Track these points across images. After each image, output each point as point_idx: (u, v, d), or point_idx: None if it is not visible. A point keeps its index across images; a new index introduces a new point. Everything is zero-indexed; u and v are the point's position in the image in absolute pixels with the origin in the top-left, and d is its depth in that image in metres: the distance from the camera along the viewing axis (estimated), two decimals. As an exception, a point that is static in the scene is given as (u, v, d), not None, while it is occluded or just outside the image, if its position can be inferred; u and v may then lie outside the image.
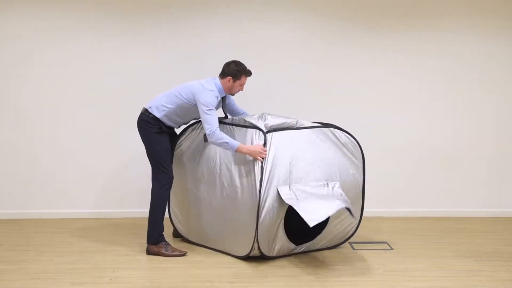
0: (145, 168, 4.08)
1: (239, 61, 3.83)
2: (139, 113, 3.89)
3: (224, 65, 3.84)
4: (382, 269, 3.60)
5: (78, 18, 4.59)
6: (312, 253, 3.87)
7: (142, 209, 4.45)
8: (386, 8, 4.79)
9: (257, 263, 3.66)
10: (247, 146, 3.58)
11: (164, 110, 3.78)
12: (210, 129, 3.62)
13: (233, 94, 3.93)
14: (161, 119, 3.80)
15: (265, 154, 3.53)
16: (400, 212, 4.96)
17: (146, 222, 3.87)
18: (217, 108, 3.81)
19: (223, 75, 3.81)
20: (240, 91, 3.94)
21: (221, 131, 3.66)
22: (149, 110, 3.81)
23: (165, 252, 3.78)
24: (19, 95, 4.63)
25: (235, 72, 3.77)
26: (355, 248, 4.03)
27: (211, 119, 3.65)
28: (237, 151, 3.59)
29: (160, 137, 3.83)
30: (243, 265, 3.64)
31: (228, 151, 3.68)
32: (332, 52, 4.80)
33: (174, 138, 4.02)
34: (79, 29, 4.61)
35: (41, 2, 4.57)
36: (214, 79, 3.85)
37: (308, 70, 4.79)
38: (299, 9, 4.74)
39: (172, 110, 3.78)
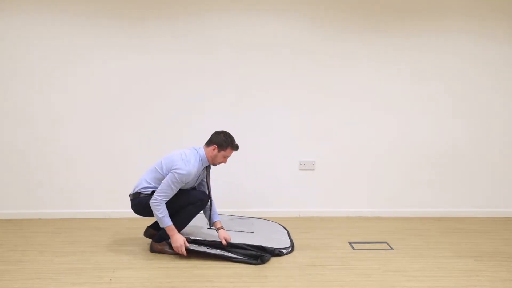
0: (145, 167, 4.08)
1: (228, 133, 3.80)
2: (130, 195, 3.83)
3: (213, 134, 3.81)
4: (382, 269, 3.60)
5: (79, 18, 4.60)
6: (311, 253, 3.88)
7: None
8: (387, 7, 4.79)
9: (257, 263, 3.66)
10: (175, 233, 3.66)
11: (150, 187, 3.75)
12: (159, 199, 3.61)
13: (215, 165, 3.84)
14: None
15: (182, 250, 3.66)
16: (400, 212, 4.97)
17: (146, 222, 3.87)
18: (198, 178, 3.80)
19: (209, 143, 3.77)
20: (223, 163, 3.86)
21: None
22: (139, 191, 3.76)
23: (168, 250, 3.79)
24: (19, 95, 4.63)
25: (222, 142, 3.73)
26: (355, 248, 4.03)
27: (168, 191, 3.62)
28: (165, 228, 3.66)
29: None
30: (243, 265, 3.64)
31: None
32: (332, 52, 4.80)
33: None
34: (81, 29, 4.61)
35: (42, 1, 4.57)
36: (198, 148, 3.78)
37: (309, 70, 4.80)
38: (300, 9, 4.74)
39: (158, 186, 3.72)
